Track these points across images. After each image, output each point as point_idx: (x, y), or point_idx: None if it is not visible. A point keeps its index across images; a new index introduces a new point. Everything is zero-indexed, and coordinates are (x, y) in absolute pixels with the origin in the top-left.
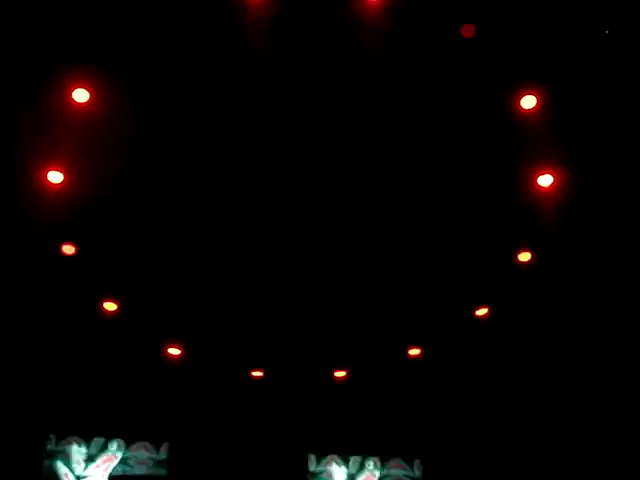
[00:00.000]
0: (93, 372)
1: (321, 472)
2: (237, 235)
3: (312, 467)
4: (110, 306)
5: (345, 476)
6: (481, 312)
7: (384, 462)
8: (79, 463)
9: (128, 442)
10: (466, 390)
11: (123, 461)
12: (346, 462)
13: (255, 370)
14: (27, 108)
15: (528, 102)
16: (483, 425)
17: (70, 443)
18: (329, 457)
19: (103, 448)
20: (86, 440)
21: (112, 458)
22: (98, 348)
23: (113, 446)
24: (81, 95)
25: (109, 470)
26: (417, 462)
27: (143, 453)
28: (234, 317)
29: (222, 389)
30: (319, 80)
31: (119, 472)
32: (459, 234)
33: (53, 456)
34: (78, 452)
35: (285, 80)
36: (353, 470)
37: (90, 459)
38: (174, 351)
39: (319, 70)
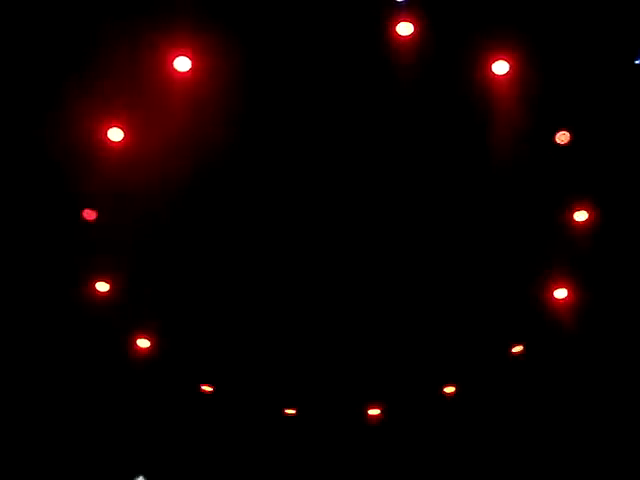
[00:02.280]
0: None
1: None
2: (269, 271)
3: None
4: (143, 343)
5: None
6: (517, 350)
7: None
8: None
9: None
10: (503, 430)
11: None
12: None
13: (288, 408)
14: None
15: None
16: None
17: None
18: None
19: None
20: None
21: None
22: (129, 384)
23: None
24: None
25: None
26: None
27: None
28: (265, 355)
29: (254, 426)
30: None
31: None
32: (494, 269)
33: None
34: None
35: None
36: None
37: None
38: (206, 388)
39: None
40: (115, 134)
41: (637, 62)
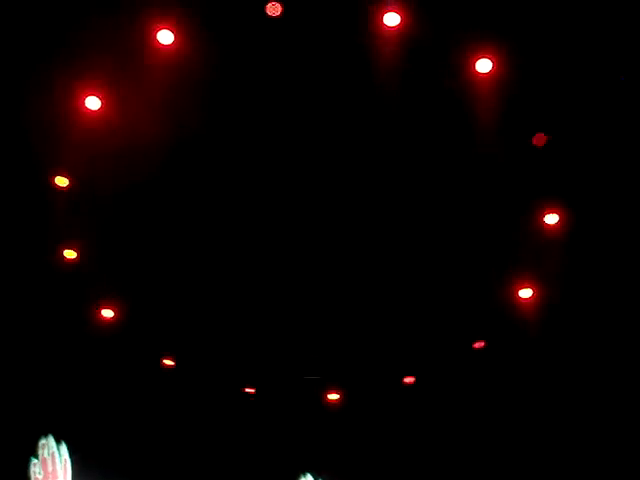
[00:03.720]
0: (85, 381)
1: None
2: (234, 252)
3: None
4: (107, 313)
5: None
6: (479, 345)
7: None
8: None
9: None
10: (459, 422)
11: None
12: None
13: (247, 387)
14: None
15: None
16: (475, 457)
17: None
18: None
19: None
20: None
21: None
22: (93, 355)
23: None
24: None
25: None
26: None
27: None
28: (229, 334)
29: (213, 404)
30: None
31: None
32: (460, 266)
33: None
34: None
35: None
36: None
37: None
38: (169, 362)
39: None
40: (92, 103)
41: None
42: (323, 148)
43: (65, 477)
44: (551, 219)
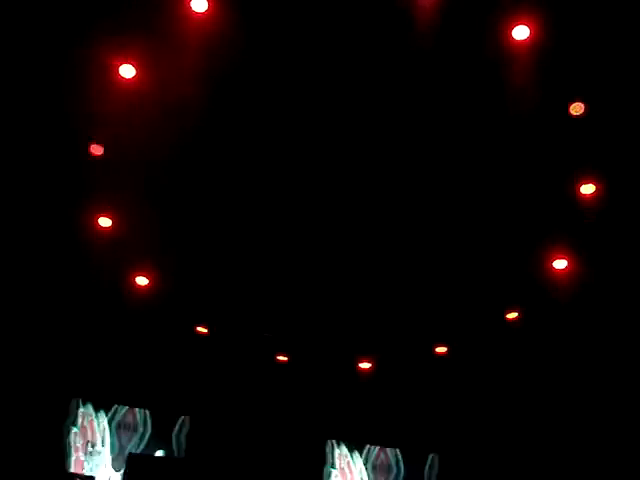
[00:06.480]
0: (122, 345)
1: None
2: (272, 225)
3: (330, 453)
4: (142, 281)
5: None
6: (511, 315)
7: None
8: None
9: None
10: (490, 391)
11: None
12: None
13: (280, 354)
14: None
15: (576, 109)
16: (503, 426)
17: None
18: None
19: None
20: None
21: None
22: (129, 320)
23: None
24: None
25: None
26: (433, 457)
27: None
28: (262, 300)
29: (247, 370)
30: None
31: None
32: (496, 236)
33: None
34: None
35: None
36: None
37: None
38: (202, 329)
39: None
40: (127, 71)
41: None
42: (360, 117)
43: (104, 444)
44: (587, 189)
